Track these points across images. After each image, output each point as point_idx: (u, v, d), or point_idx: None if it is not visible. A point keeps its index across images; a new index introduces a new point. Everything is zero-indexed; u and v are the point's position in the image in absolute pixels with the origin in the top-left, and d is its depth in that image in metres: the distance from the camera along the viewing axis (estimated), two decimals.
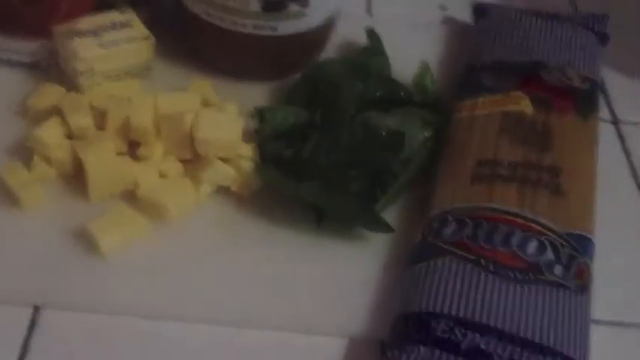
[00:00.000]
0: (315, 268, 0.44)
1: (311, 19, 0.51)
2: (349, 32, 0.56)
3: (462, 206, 0.43)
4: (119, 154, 0.45)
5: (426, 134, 0.48)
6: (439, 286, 0.39)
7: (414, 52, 0.56)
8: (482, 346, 0.36)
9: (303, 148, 0.46)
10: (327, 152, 0.46)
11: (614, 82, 0.58)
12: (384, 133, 0.47)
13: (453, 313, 0.37)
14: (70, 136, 0.45)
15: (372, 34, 0.56)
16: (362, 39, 0.56)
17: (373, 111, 0.48)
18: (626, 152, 0.53)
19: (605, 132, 0.53)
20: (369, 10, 0.62)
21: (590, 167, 0.46)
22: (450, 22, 0.63)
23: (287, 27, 0.50)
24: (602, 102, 0.54)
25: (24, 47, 0.50)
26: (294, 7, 0.49)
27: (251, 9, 0.49)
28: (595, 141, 0.48)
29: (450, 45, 0.60)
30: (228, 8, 0.49)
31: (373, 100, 0.50)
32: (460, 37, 0.60)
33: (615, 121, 0.56)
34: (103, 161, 0.44)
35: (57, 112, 0.47)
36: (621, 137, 0.55)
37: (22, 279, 0.41)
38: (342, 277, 0.43)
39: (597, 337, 0.41)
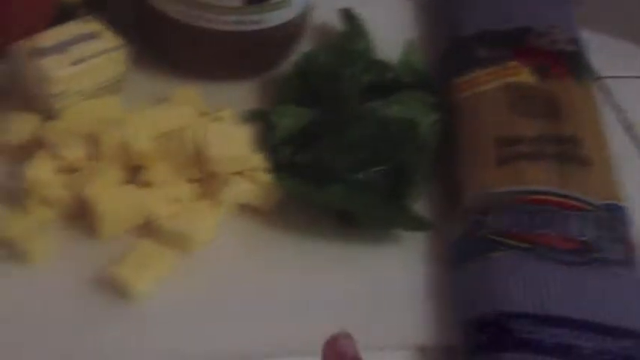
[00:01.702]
0: (355, 278, 0.41)
1: (294, 7, 0.47)
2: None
3: (495, 192, 0.42)
4: (123, 183, 0.41)
5: (432, 118, 0.47)
6: (506, 283, 0.37)
7: (383, 28, 0.53)
8: (567, 341, 0.36)
9: (316, 152, 0.43)
10: (343, 152, 0.43)
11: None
12: (392, 124, 0.45)
13: (530, 310, 0.36)
14: (61, 170, 0.40)
15: (349, 14, 0.53)
16: (328, 17, 0.53)
17: (376, 101, 0.46)
18: (615, 108, 0.54)
19: None
20: None
21: (603, 132, 0.46)
22: None
23: (271, 18, 0.47)
24: None
25: None
26: None
27: (232, 3, 0.45)
28: (597, 103, 0.48)
29: (421, 18, 0.58)
30: (206, 5, 0.45)
31: (370, 87, 0.48)
32: (429, 9, 0.58)
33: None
34: (110, 195, 0.39)
35: (38, 144, 0.41)
36: (607, 93, 0.55)
37: (51, 341, 0.36)
38: (385, 284, 0.41)
39: None
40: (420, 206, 0.44)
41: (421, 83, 0.49)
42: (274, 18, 0.47)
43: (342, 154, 0.43)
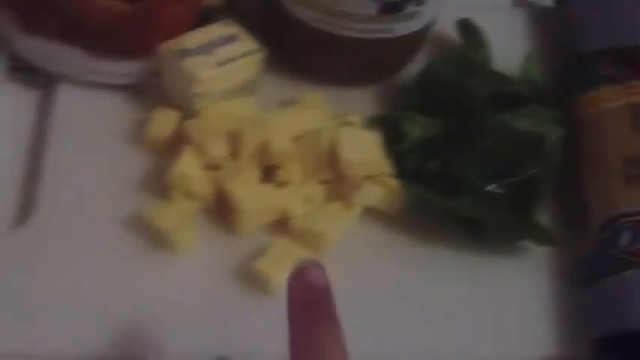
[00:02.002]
0: (478, 288, 0.42)
1: (423, 18, 0.49)
2: None
3: (626, 211, 0.42)
4: (260, 181, 0.43)
5: (558, 133, 0.47)
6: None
7: (501, 40, 0.54)
8: None
9: (446, 161, 0.44)
10: (474, 163, 0.44)
11: None
12: (523, 137, 0.45)
13: None
14: (205, 166, 0.42)
15: (468, 25, 0.54)
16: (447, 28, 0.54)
17: (503, 113, 0.47)
18: None
19: None
20: None
21: None
22: (520, 3, 0.61)
23: (401, 28, 0.48)
24: None
25: (120, 68, 0.46)
26: (412, 7, 0.47)
27: (368, 12, 0.46)
28: None
29: (533, 31, 0.58)
30: (341, 13, 0.46)
31: (490, 99, 0.49)
32: (539, 22, 0.58)
33: None
34: (251, 193, 0.41)
35: (179, 140, 0.44)
36: None
37: (198, 330, 0.38)
38: (508, 296, 0.42)
39: None
40: (546, 220, 0.45)
41: (540, 97, 0.50)
42: (404, 28, 0.48)
43: (473, 165, 0.44)
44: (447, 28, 0.55)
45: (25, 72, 0.47)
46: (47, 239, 0.40)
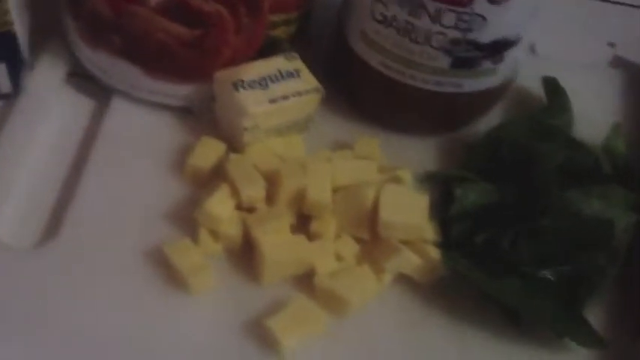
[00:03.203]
0: None
1: (499, 75, 0.45)
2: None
3: None
4: (292, 230, 0.41)
5: (630, 220, 0.43)
6: None
7: (587, 105, 0.50)
8: None
9: (497, 236, 0.41)
10: (528, 244, 0.40)
11: None
12: (589, 222, 0.41)
13: None
14: (238, 206, 0.41)
15: (552, 85, 0.50)
16: (527, 81, 0.50)
17: (573, 189, 0.43)
18: None
19: None
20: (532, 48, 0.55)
21: None
22: (620, 63, 0.56)
23: (473, 84, 0.45)
24: None
25: (176, 90, 0.45)
26: (487, 65, 0.44)
27: (438, 64, 0.43)
28: None
29: (629, 96, 0.54)
30: (409, 62, 0.44)
31: (565, 169, 0.45)
32: (635, 83, 0.54)
33: None
34: (280, 242, 0.39)
35: (219, 174, 0.42)
36: None
37: None
38: None
39: None
40: (597, 317, 0.41)
41: (620, 175, 0.46)
42: (476, 84, 0.45)
43: (526, 245, 0.40)
44: (533, 83, 0.51)
45: (83, 79, 0.47)
46: (67, 262, 0.39)
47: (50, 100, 0.46)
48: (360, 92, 0.48)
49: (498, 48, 0.43)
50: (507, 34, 0.43)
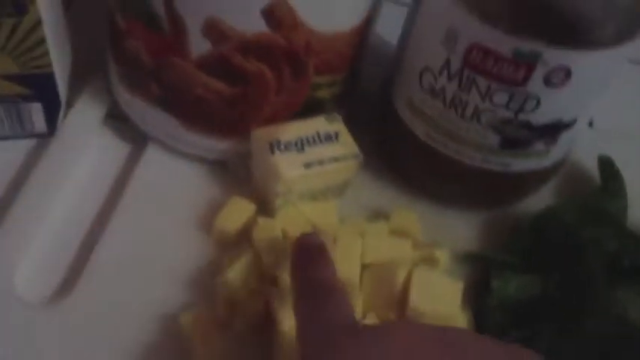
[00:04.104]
0: None
1: (550, 158, 0.43)
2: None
3: None
4: None
5: None
6: None
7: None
8: None
9: (536, 333, 0.38)
10: (568, 345, 0.37)
11: None
12: (630, 329, 0.38)
13: None
14: (261, 275, 0.39)
15: (607, 166, 0.47)
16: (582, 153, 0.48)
17: (622, 288, 0.40)
18: None
19: None
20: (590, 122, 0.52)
21: None
22: None
23: (522, 164, 0.42)
24: None
25: (212, 144, 0.44)
26: (538, 146, 0.41)
27: (485, 142, 0.41)
28: None
29: None
30: (456, 136, 0.41)
31: (615, 261, 0.42)
32: None
33: None
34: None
35: (246, 237, 0.40)
36: None
37: None
38: None
39: None
40: None
41: None
42: (526, 164, 0.42)
43: (565, 346, 0.37)
44: (589, 155, 0.48)
45: (120, 122, 0.46)
46: (79, 320, 0.38)
47: (84, 142, 0.45)
48: (402, 160, 0.46)
49: (552, 130, 0.40)
50: (563, 116, 0.40)
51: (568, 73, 0.37)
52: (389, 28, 0.46)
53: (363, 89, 0.48)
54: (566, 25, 0.35)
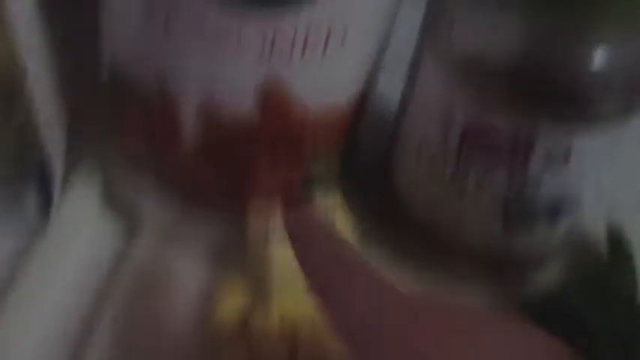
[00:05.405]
0: None
1: (557, 235, 0.41)
2: None
3: None
4: None
5: None
6: None
7: None
8: None
9: None
10: None
11: None
12: None
13: None
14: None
15: (616, 238, 0.45)
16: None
17: None
18: None
19: None
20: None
21: None
22: None
23: (526, 245, 0.40)
24: None
25: (209, 228, 0.42)
26: (543, 225, 0.39)
27: (488, 222, 0.39)
28: None
29: None
30: (456, 217, 0.40)
31: (630, 345, 0.40)
32: None
33: None
34: None
35: (236, 330, 0.39)
36: None
37: None
38: None
39: None
40: None
41: None
42: (530, 245, 0.40)
43: None
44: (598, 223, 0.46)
45: (114, 206, 0.44)
46: None
47: (78, 227, 0.43)
48: (402, 238, 0.44)
49: (556, 208, 0.39)
50: (566, 193, 0.39)
51: (569, 151, 0.36)
52: (389, 97, 0.45)
53: (362, 163, 0.47)
54: (565, 103, 0.34)
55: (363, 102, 0.42)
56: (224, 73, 0.35)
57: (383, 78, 0.43)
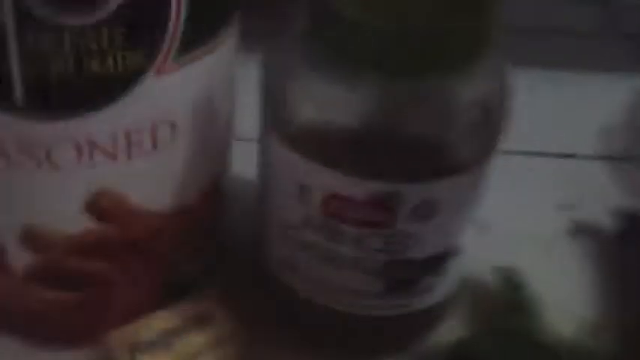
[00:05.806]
0: None
1: (445, 286, 0.38)
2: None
3: None
4: None
5: None
6: None
7: (557, 293, 0.43)
8: None
9: None
10: None
11: None
12: None
13: None
14: None
15: (507, 279, 0.44)
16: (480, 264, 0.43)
17: None
18: None
19: None
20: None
21: None
22: (580, 229, 0.49)
23: (414, 303, 0.38)
24: None
25: (65, 357, 0.38)
26: (427, 281, 0.37)
27: (370, 289, 0.36)
28: None
29: (597, 273, 0.47)
30: (337, 288, 0.37)
31: None
32: (605, 259, 0.47)
33: None
34: None
35: None
36: None
37: None
38: None
39: None
40: None
41: None
42: (418, 302, 0.38)
43: None
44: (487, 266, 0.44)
45: None
46: None
47: None
48: (290, 321, 0.41)
49: (437, 262, 0.37)
50: (445, 246, 0.37)
51: (433, 204, 0.34)
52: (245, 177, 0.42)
53: (234, 253, 0.43)
54: (421, 160, 0.32)
55: (216, 190, 0.39)
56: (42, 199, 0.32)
57: (237, 158, 0.40)
